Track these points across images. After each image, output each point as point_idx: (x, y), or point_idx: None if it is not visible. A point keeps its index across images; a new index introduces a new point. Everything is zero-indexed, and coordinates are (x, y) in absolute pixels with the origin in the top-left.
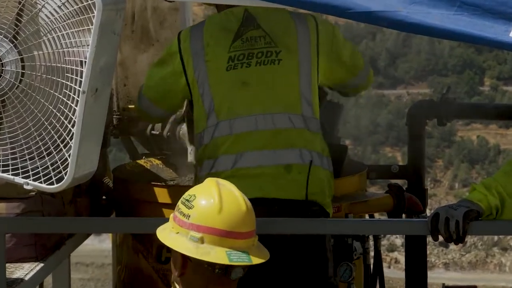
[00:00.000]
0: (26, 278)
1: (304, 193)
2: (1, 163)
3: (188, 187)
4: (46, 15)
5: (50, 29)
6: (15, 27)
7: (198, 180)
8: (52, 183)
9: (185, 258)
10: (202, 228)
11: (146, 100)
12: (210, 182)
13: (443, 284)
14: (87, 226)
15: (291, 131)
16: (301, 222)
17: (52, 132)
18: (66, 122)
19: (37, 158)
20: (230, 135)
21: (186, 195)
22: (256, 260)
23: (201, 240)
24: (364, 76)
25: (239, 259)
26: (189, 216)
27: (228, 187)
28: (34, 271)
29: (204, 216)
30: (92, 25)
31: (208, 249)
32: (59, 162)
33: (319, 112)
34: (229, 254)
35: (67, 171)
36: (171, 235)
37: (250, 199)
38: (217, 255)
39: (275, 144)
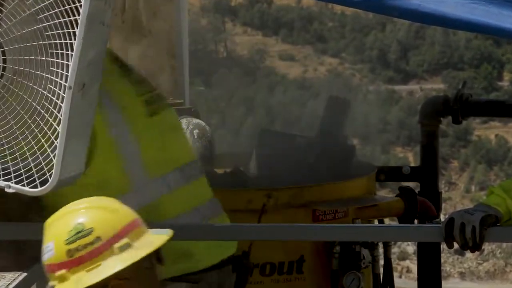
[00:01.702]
0: None
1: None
2: None
3: None
4: (29, 4)
5: (35, 19)
6: None
7: None
8: (35, 186)
9: (120, 281)
10: (121, 233)
11: None
12: (71, 206)
13: None
14: None
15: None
16: (305, 229)
17: (36, 130)
18: (51, 120)
19: (19, 159)
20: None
21: (65, 234)
22: (170, 232)
23: (131, 241)
24: None
25: (163, 232)
26: (99, 238)
27: (91, 199)
28: (17, 281)
29: (110, 225)
30: (79, 15)
31: (142, 243)
32: (43, 164)
33: None
34: (155, 233)
35: (52, 173)
36: (94, 274)
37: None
38: (152, 240)
39: None
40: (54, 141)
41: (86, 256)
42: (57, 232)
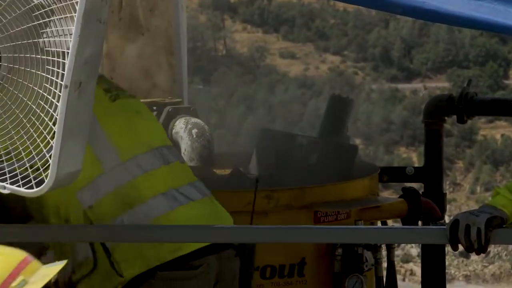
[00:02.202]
0: None
1: None
2: None
3: None
4: (24, 1)
5: (29, 17)
6: None
7: None
8: (31, 187)
9: None
10: (14, 273)
11: None
12: None
13: None
14: (70, 234)
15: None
16: (306, 231)
17: (32, 130)
18: (47, 119)
19: (15, 159)
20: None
21: None
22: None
23: (26, 278)
24: None
25: (55, 264)
26: None
27: None
28: None
29: (1, 267)
30: (75, 12)
31: (37, 277)
32: (39, 164)
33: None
34: (47, 266)
35: (48, 174)
36: None
37: None
38: (48, 272)
39: None
40: (50, 141)
41: None
42: None
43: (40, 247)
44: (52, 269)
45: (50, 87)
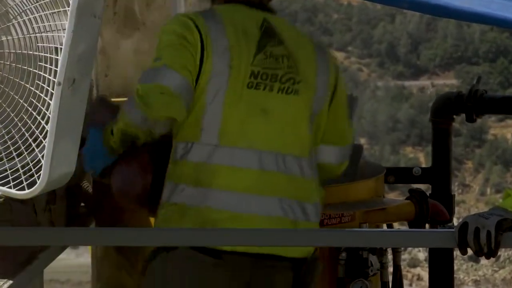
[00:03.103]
0: None
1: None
2: None
3: None
4: None
5: (21, 11)
6: None
7: (180, 212)
8: (23, 188)
9: None
10: None
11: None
12: None
13: None
14: (63, 238)
15: (300, 181)
16: (308, 234)
17: (23, 129)
18: (39, 118)
19: (5, 160)
20: (230, 166)
21: None
22: None
23: None
24: (346, 155)
25: None
26: None
27: None
28: None
29: None
30: (68, 6)
31: None
32: (31, 164)
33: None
34: None
35: (40, 174)
36: None
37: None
38: None
39: (284, 192)
40: (43, 140)
41: None
42: None
43: (32, 251)
44: None
45: (43, 84)
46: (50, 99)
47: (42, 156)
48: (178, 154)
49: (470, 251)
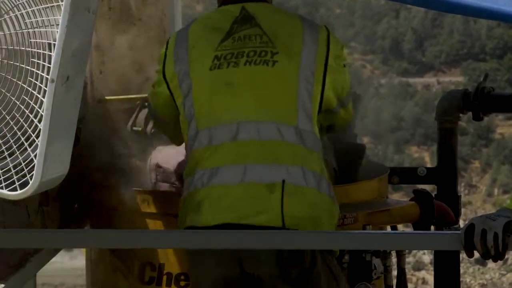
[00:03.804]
0: None
1: (280, 218)
2: None
3: (176, 193)
4: None
5: (13, 5)
6: None
7: (183, 203)
8: (15, 189)
9: None
10: None
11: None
12: None
13: None
14: (56, 240)
15: (280, 145)
16: (309, 236)
17: (15, 128)
18: (31, 116)
19: None
20: (209, 146)
21: None
22: None
23: None
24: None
25: None
26: None
27: None
28: None
29: None
30: (62, 1)
31: None
32: (23, 164)
33: (319, 132)
34: None
35: (33, 175)
36: None
37: (221, 225)
38: None
39: (258, 158)
40: (35, 139)
41: None
42: None
43: (24, 254)
44: None
45: (35, 82)
46: (43, 96)
47: (35, 156)
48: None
49: (476, 254)
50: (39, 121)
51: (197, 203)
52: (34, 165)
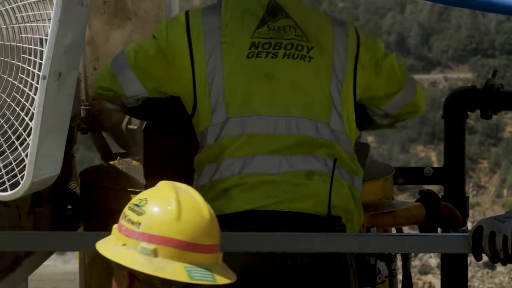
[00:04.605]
0: None
1: (326, 206)
2: None
3: None
4: None
5: None
6: None
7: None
8: (5, 189)
9: (132, 277)
10: (156, 238)
11: (126, 65)
12: (164, 185)
13: None
14: (49, 243)
15: (316, 141)
16: (310, 238)
17: (6, 126)
18: (22, 114)
19: None
20: (241, 135)
21: (135, 199)
22: (221, 280)
23: (155, 253)
24: (411, 92)
25: (202, 276)
26: (140, 224)
27: (187, 190)
28: None
29: (158, 224)
30: None
31: (163, 264)
32: (14, 164)
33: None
34: (189, 270)
35: (24, 175)
36: (116, 248)
37: (259, 212)
38: (175, 271)
39: (295, 151)
40: (26, 138)
41: (123, 228)
42: (145, 193)
43: (15, 257)
44: (183, 275)
45: (27, 78)
46: (35, 94)
47: (26, 155)
48: (200, 144)
49: (485, 257)
50: (30, 119)
51: (224, 191)
52: (25, 164)
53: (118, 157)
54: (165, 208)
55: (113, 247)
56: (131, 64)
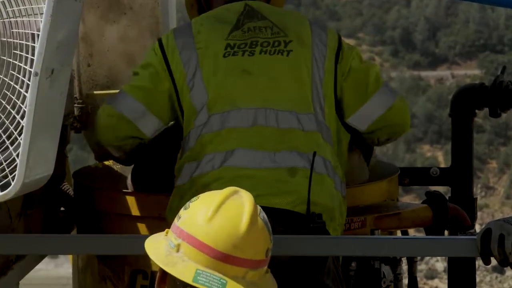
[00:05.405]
0: None
1: (306, 203)
2: None
3: (169, 195)
4: None
5: None
6: None
7: (177, 193)
8: None
9: (164, 271)
10: (183, 234)
11: (132, 101)
12: (227, 189)
13: None
14: (41, 246)
15: (299, 133)
16: (311, 240)
17: None
18: (13, 112)
19: None
20: (220, 130)
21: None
22: None
23: (177, 248)
24: (383, 105)
25: (207, 283)
26: (180, 218)
27: (241, 201)
28: None
29: (189, 221)
30: None
31: (177, 260)
32: (4, 164)
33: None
34: (199, 273)
35: (15, 175)
36: (157, 237)
37: None
38: (184, 270)
39: (276, 145)
40: (18, 137)
41: (172, 225)
42: (207, 193)
43: (6, 260)
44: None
45: (18, 75)
46: (26, 91)
47: (17, 155)
48: (182, 150)
49: (494, 261)
50: (22, 117)
51: (203, 186)
52: (17, 164)
53: None
54: (203, 209)
55: (158, 236)
56: (146, 105)
